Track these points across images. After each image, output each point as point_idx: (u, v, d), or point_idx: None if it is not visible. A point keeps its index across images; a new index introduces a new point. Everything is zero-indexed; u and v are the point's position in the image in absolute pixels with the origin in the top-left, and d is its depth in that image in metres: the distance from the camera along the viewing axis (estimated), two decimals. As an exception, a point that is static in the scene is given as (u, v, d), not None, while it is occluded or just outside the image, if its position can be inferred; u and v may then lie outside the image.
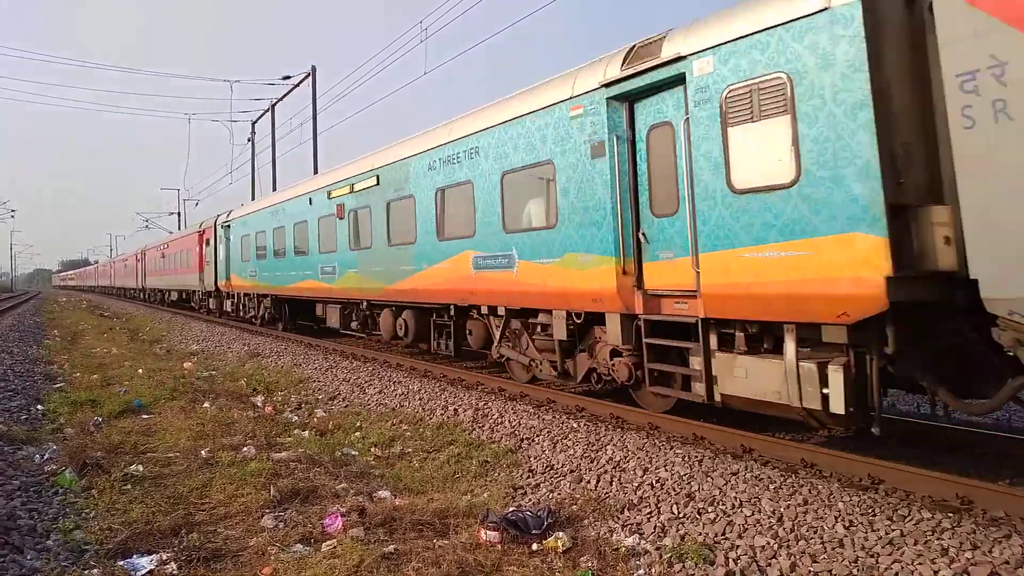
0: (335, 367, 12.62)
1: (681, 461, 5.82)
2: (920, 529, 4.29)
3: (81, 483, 5.95)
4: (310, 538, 4.69)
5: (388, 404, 9.44)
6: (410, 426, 8.14)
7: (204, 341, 18.91)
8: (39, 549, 4.56)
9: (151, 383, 11.23)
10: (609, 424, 7.57)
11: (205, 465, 6.53)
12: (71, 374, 13.12)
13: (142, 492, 5.69)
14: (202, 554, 4.44)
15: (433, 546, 4.47)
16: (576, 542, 4.57)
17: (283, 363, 13.75)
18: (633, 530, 4.76)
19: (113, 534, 4.75)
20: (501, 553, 4.40)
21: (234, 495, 5.61)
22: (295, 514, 5.12)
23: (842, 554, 4.14)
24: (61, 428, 8.29)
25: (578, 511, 5.12)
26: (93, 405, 9.49)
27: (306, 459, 6.51)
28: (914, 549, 4.06)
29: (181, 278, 32.13)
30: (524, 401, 8.96)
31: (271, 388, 11.31)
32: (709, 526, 4.67)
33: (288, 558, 4.37)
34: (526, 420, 7.70)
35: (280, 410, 9.43)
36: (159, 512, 5.20)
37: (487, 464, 6.48)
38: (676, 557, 4.28)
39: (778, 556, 4.19)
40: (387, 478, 6.25)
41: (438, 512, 5.02)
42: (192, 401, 9.57)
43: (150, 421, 8.59)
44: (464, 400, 8.97)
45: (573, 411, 8.33)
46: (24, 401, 9.84)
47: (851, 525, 4.44)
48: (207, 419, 8.30)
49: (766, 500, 4.89)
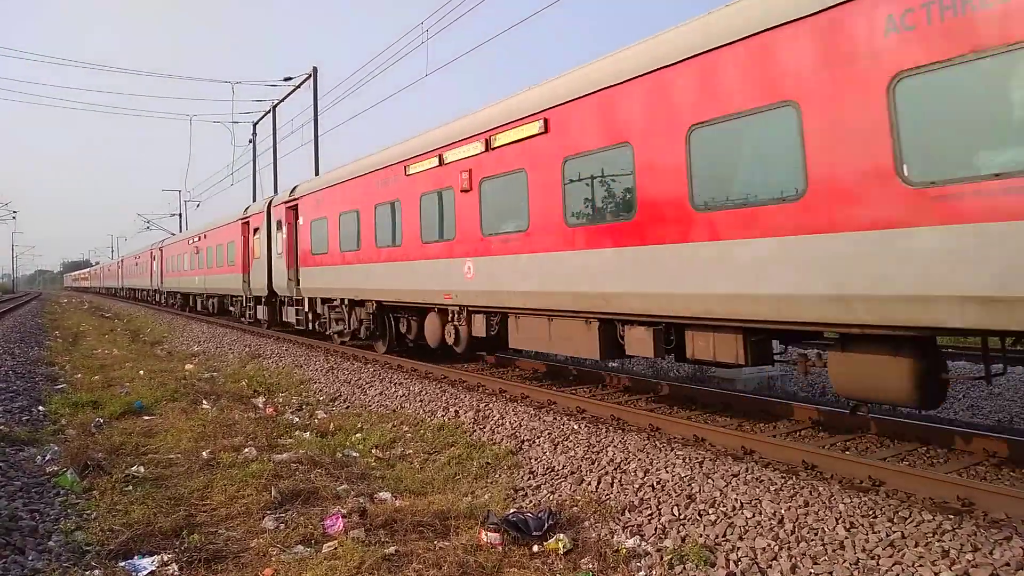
0: (336, 368, 12.62)
1: (682, 463, 5.82)
2: (921, 531, 4.29)
3: (82, 484, 5.96)
4: (311, 539, 4.69)
5: (389, 405, 9.45)
6: (411, 427, 8.14)
7: (205, 343, 18.92)
8: (41, 550, 4.57)
9: (152, 384, 11.25)
10: (610, 425, 7.57)
11: (206, 466, 6.54)
12: (72, 375, 13.14)
13: (143, 493, 5.70)
14: (203, 555, 4.45)
15: (434, 547, 4.48)
16: (577, 544, 4.57)
17: (284, 364, 13.76)
18: (634, 532, 4.76)
19: (114, 535, 4.76)
20: (502, 555, 4.40)
21: (235, 496, 5.62)
22: (296, 515, 5.13)
23: (843, 556, 4.14)
24: (62, 429, 8.31)
25: (579, 513, 5.12)
26: (94, 406, 9.51)
27: (307, 460, 6.52)
28: (915, 551, 4.06)
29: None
30: (525, 403, 8.96)
31: (272, 389, 11.33)
32: (710, 528, 4.67)
33: (289, 559, 4.38)
34: (527, 421, 7.71)
35: (281, 411, 9.44)
36: (160, 513, 5.21)
37: (488, 466, 6.49)
38: (677, 559, 4.28)
39: (779, 558, 4.19)
40: (388, 479, 6.26)
41: (439, 513, 5.03)
42: (193, 402, 9.59)
43: (151, 422, 8.60)
44: (465, 401, 8.97)
45: (574, 412, 8.33)
46: (26, 402, 9.86)
47: (852, 527, 4.44)
48: (208, 420, 8.31)
49: (767, 502, 4.89)
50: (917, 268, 4.71)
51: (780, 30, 5.62)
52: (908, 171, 4.75)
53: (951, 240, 4.52)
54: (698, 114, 6.35)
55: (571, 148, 7.97)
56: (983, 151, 4.44)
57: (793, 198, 5.54)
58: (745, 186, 6.00)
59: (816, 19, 5.32)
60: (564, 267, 8.12)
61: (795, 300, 5.61)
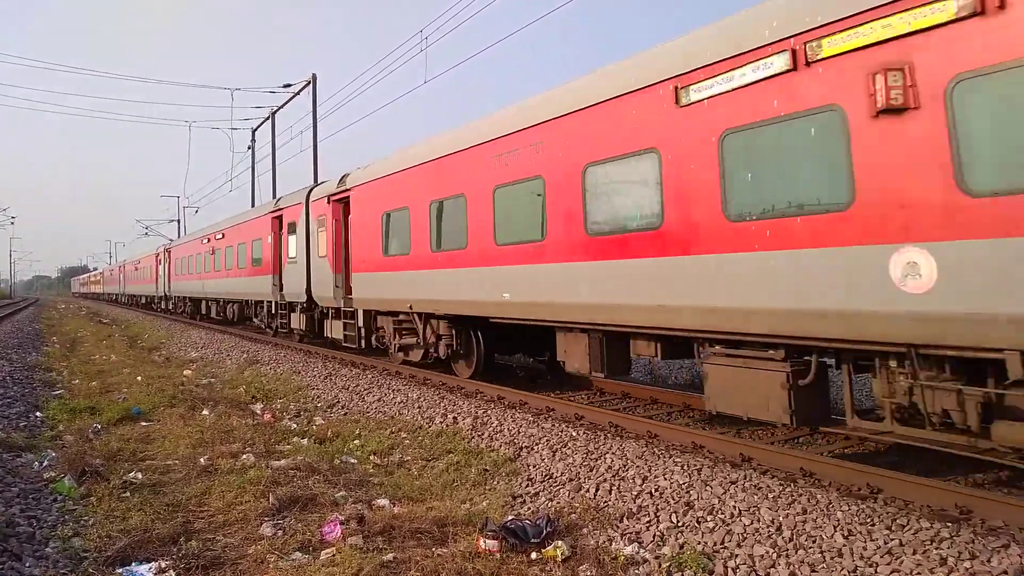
0: (334, 375, 12.61)
1: (680, 470, 5.83)
2: (919, 538, 4.29)
3: (80, 490, 5.94)
4: (309, 546, 4.68)
5: (387, 412, 9.44)
6: (409, 434, 8.14)
7: (203, 348, 18.89)
8: (38, 556, 4.56)
9: (150, 390, 11.22)
10: (608, 432, 7.57)
11: (204, 473, 6.52)
12: (70, 381, 13.11)
13: (141, 499, 5.68)
14: (201, 562, 4.44)
15: (432, 554, 4.47)
16: (575, 551, 4.56)
17: (282, 370, 13.74)
18: (632, 539, 4.76)
19: (112, 541, 4.74)
20: (500, 562, 4.40)
21: (233, 503, 5.61)
22: (294, 522, 5.12)
23: (841, 563, 4.14)
24: (60, 435, 8.28)
25: (577, 520, 5.11)
26: (92, 412, 9.48)
27: (305, 467, 6.51)
28: (913, 559, 4.07)
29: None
30: (523, 409, 8.96)
31: (270, 395, 11.31)
32: (708, 535, 4.67)
33: (287, 566, 4.37)
34: (525, 428, 7.71)
35: (279, 417, 9.42)
36: (158, 520, 5.20)
37: (486, 472, 6.48)
38: (675, 566, 4.28)
39: (777, 565, 4.19)
40: (386, 486, 6.24)
41: (437, 520, 5.02)
42: (191, 408, 9.57)
43: (149, 428, 8.58)
44: (463, 408, 8.97)
45: (572, 419, 8.33)
46: (23, 408, 9.84)
47: (850, 534, 4.44)
48: (206, 426, 8.30)
49: (765, 509, 4.90)
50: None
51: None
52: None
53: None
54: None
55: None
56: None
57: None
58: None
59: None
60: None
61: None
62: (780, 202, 5.83)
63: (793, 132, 5.73)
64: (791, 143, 5.76)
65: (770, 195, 5.92)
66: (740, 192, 6.17)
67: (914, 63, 4.91)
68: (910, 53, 4.93)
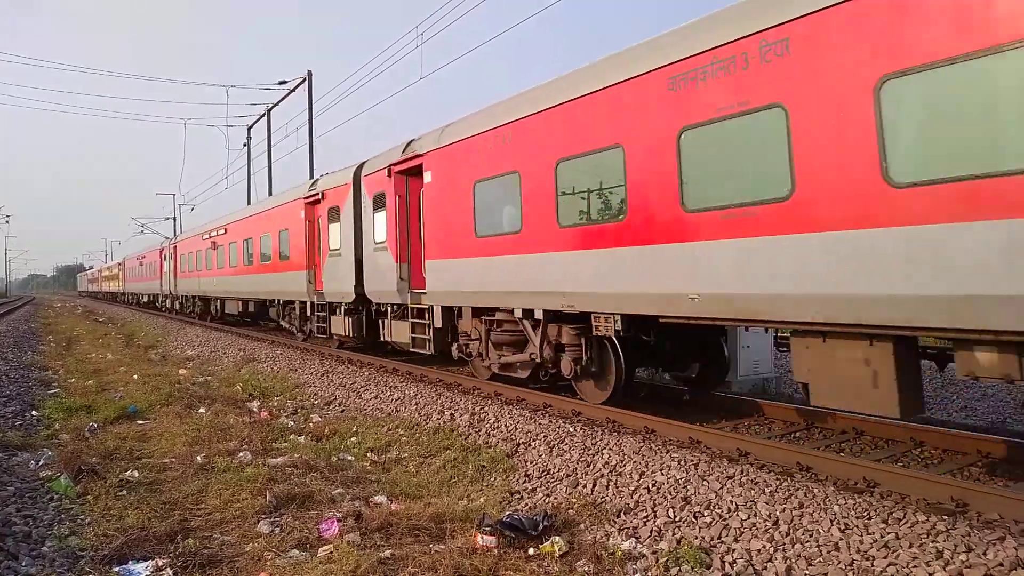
0: (331, 372, 12.59)
1: (677, 465, 5.83)
2: (915, 532, 4.30)
3: (76, 489, 5.92)
4: (306, 543, 4.67)
5: (384, 409, 9.43)
6: (406, 431, 8.13)
7: (199, 347, 18.86)
8: (34, 555, 4.54)
9: (146, 389, 11.19)
10: (605, 428, 7.57)
11: (201, 471, 6.51)
12: (66, 380, 13.07)
13: (137, 498, 5.67)
14: (198, 560, 4.43)
15: (429, 551, 4.47)
16: (573, 546, 4.57)
17: (279, 368, 13.72)
18: (630, 534, 4.77)
19: (108, 540, 4.73)
20: (497, 558, 4.40)
21: (230, 501, 5.60)
22: (291, 519, 5.11)
23: (837, 557, 4.15)
24: (56, 434, 8.26)
25: (575, 515, 5.12)
26: (88, 411, 9.45)
27: (302, 464, 6.51)
28: (909, 552, 4.08)
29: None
30: (520, 405, 8.96)
31: (267, 393, 11.29)
32: (705, 530, 4.68)
33: (284, 563, 4.36)
34: (523, 424, 7.71)
35: (276, 415, 9.40)
36: (155, 518, 5.19)
37: (483, 469, 6.48)
38: (672, 561, 4.28)
39: (774, 559, 4.20)
40: (383, 483, 6.24)
41: (434, 517, 5.02)
42: (187, 407, 9.54)
43: (145, 427, 8.56)
44: (460, 405, 8.96)
45: (569, 415, 8.33)
46: (19, 407, 9.80)
47: (846, 528, 4.45)
48: (202, 425, 8.28)
49: (762, 503, 4.91)
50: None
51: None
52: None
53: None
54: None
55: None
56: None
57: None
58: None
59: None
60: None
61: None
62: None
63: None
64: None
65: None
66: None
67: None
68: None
